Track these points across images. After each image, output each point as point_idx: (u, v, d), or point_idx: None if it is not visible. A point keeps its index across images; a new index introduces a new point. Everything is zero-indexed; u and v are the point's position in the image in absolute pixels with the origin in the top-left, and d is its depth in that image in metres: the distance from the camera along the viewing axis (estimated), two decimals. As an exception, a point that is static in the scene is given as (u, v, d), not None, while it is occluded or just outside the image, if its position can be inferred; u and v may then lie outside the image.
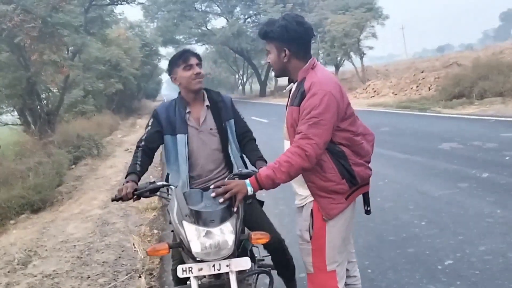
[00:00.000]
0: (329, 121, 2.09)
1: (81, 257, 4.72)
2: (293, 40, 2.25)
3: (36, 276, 4.37)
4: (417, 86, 19.77)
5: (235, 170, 2.67)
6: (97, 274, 4.23)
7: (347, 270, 2.50)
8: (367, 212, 2.45)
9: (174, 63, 2.72)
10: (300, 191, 2.35)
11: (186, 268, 2.09)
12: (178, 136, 2.69)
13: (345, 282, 2.45)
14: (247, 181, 2.12)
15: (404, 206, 4.98)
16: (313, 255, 2.28)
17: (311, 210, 2.27)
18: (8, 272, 4.60)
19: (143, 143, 2.71)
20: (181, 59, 2.68)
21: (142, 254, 4.66)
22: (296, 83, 2.30)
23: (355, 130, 2.24)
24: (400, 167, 6.82)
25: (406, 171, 6.50)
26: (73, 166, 11.40)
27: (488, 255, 3.55)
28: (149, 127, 2.75)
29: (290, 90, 2.36)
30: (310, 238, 2.28)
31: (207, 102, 2.76)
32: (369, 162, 2.35)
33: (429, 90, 18.27)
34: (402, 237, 4.17)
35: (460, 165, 6.30)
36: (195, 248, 2.02)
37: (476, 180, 5.52)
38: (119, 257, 4.65)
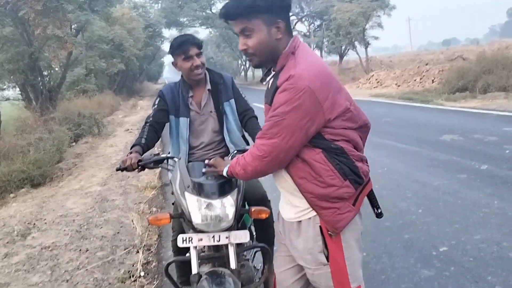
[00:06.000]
0: (296, 122, 1.70)
1: (80, 231, 4.77)
2: (286, 8, 1.84)
3: (35, 247, 4.42)
4: (420, 78, 19.67)
5: (231, 151, 2.70)
6: (96, 248, 4.28)
7: None
8: (378, 215, 2.06)
9: (174, 51, 2.70)
10: (296, 201, 1.90)
11: (186, 238, 2.12)
12: (181, 119, 2.75)
13: None
14: (229, 163, 2.01)
15: (402, 194, 5.01)
16: (334, 278, 1.89)
17: (320, 226, 1.86)
18: (7, 243, 4.65)
19: (151, 119, 2.75)
20: (181, 49, 2.65)
21: (141, 231, 4.71)
22: (275, 73, 1.87)
23: (353, 125, 1.84)
24: (400, 156, 6.83)
25: (405, 161, 6.52)
26: (73, 143, 11.43)
27: (483, 244, 3.59)
28: (156, 106, 2.80)
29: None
30: (327, 260, 1.89)
31: (208, 86, 2.79)
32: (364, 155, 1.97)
33: (433, 82, 18.19)
34: (399, 223, 4.21)
35: (460, 157, 6.32)
36: (196, 219, 2.06)
37: (475, 172, 5.55)
38: (118, 233, 4.70)
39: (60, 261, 4.04)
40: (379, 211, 2.05)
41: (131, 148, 2.55)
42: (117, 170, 2.42)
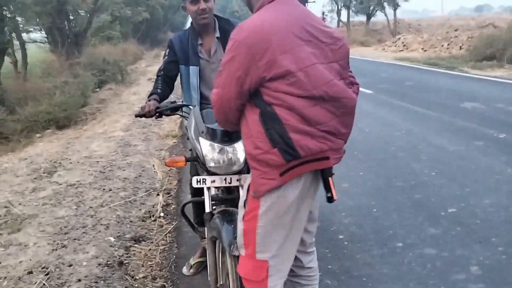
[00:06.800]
0: (232, 73, 1.70)
1: (104, 172, 4.99)
2: None
3: (61, 184, 4.66)
4: (448, 44, 19.25)
5: None
6: (118, 188, 4.49)
7: (300, 260, 2.07)
8: (328, 199, 1.83)
9: None
10: None
11: (200, 179, 2.27)
12: (191, 67, 2.78)
13: (297, 273, 2.09)
14: None
15: (417, 157, 5.09)
16: (244, 238, 1.87)
17: (249, 183, 1.86)
18: (35, 178, 4.90)
19: (162, 72, 2.80)
20: None
21: (161, 175, 4.91)
22: None
23: (299, 92, 1.67)
24: (419, 120, 6.86)
25: (424, 125, 6.54)
26: (97, 89, 11.65)
27: (492, 208, 3.69)
28: (166, 57, 2.83)
29: None
30: (243, 217, 1.89)
31: (217, 34, 2.80)
32: (332, 133, 1.73)
33: (460, 49, 17.80)
34: (411, 184, 4.32)
35: (478, 124, 6.33)
36: (209, 162, 2.19)
37: (492, 140, 5.57)
38: (139, 176, 4.90)
39: (85, 198, 4.27)
40: (329, 195, 1.82)
41: (148, 97, 2.66)
42: (136, 116, 2.54)
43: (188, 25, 3.05)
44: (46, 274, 2.96)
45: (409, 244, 3.21)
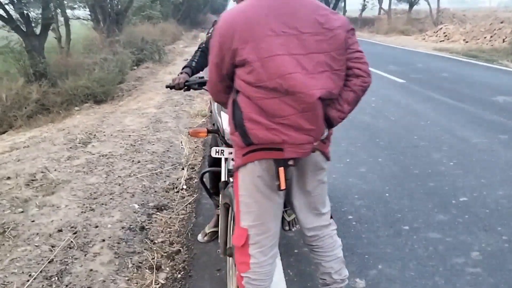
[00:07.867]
0: (212, 59, 1.88)
1: (134, 145, 5.27)
2: None
3: (94, 154, 4.96)
4: (491, 36, 18.67)
5: None
6: (147, 161, 4.76)
7: (302, 221, 2.12)
8: (278, 187, 1.85)
9: None
10: None
11: (219, 150, 2.48)
12: None
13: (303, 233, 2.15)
14: None
15: (438, 147, 5.14)
16: (235, 206, 2.06)
17: None
18: (70, 148, 5.22)
19: (203, 45, 2.99)
20: None
21: (188, 152, 5.16)
22: None
23: (253, 82, 1.74)
24: (446, 111, 6.84)
25: (451, 117, 6.53)
26: (135, 67, 12.00)
27: (503, 199, 3.75)
28: (209, 34, 3.02)
29: None
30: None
31: None
32: (292, 127, 1.76)
33: (503, 42, 17.25)
34: (427, 172, 4.40)
35: (507, 118, 6.27)
36: (228, 135, 2.39)
37: (518, 134, 5.55)
38: (167, 151, 5.17)
39: (115, 168, 4.56)
40: (277, 183, 1.84)
41: (182, 69, 2.88)
42: (167, 87, 2.78)
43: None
44: (74, 233, 3.24)
45: (415, 228, 3.33)
